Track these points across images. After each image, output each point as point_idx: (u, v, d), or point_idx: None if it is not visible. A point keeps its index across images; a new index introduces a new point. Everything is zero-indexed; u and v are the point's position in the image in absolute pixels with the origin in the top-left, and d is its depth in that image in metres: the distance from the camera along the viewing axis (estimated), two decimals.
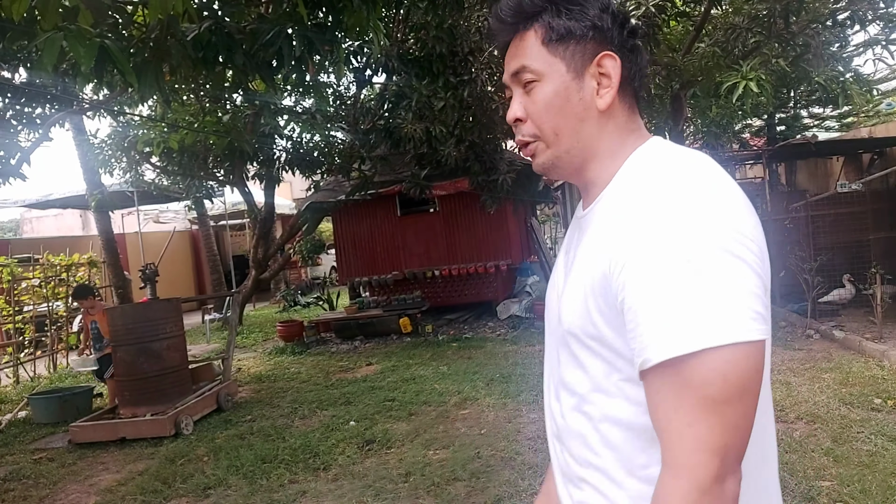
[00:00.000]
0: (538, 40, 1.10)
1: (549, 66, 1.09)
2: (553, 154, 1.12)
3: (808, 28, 8.02)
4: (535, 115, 1.11)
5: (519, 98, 1.13)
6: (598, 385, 1.05)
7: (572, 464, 1.12)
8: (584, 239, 1.09)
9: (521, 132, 1.14)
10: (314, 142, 10.91)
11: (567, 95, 1.09)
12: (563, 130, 1.10)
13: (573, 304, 1.06)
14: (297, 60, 4.49)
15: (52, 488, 5.33)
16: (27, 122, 7.19)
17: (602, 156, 1.11)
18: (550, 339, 1.19)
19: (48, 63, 3.12)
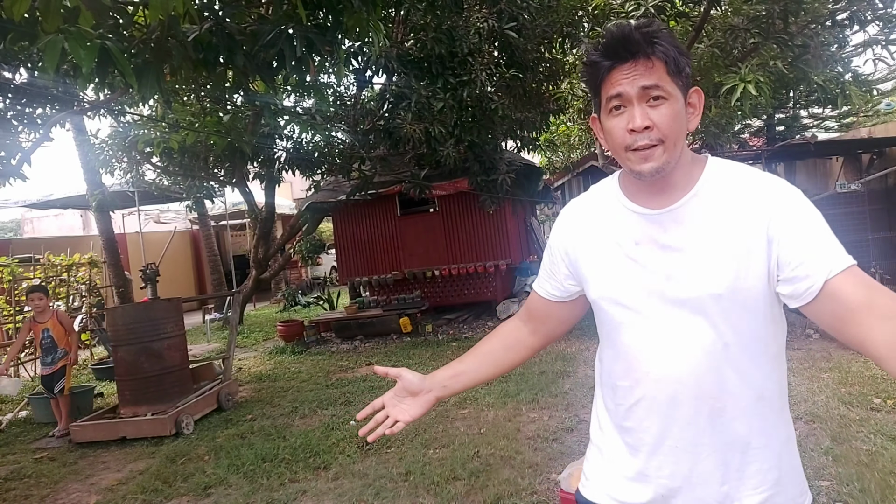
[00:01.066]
0: (664, 69, 1.37)
1: (675, 90, 1.38)
2: (667, 159, 1.38)
3: (806, 28, 8.03)
4: (662, 125, 1.36)
5: (645, 109, 1.37)
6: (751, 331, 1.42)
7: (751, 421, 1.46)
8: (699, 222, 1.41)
9: (647, 137, 1.36)
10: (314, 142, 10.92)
11: (682, 115, 1.41)
12: (677, 141, 1.39)
13: (720, 273, 1.38)
14: (297, 61, 4.50)
15: (53, 487, 5.34)
16: (28, 123, 7.20)
17: (683, 165, 1.45)
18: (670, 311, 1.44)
19: (50, 66, 3.13)
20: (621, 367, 1.54)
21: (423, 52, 8.86)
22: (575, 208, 1.67)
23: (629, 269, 1.48)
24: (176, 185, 13.14)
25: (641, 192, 1.48)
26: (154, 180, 12.74)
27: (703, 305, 1.40)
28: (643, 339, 1.48)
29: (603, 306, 1.55)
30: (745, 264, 1.37)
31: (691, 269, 1.40)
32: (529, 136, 11.46)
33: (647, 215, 1.46)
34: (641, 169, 1.38)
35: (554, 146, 17.61)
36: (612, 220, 1.54)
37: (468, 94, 8.97)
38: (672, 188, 1.44)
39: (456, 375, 1.74)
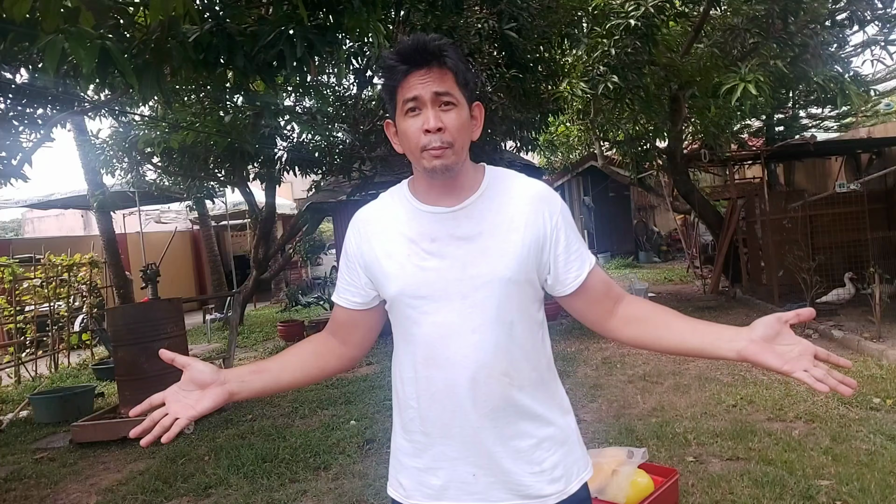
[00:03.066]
0: (453, 79, 1.51)
1: (462, 100, 1.53)
2: (455, 160, 1.52)
3: (806, 28, 8.04)
4: (452, 129, 1.50)
5: (438, 113, 1.50)
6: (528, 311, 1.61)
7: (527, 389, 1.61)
8: (488, 217, 1.58)
9: (439, 139, 1.49)
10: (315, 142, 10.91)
11: (468, 123, 1.57)
12: (464, 146, 1.55)
13: (512, 258, 1.55)
14: (298, 62, 4.51)
15: (53, 488, 5.35)
16: (29, 123, 7.19)
17: (468, 169, 1.62)
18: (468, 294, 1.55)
19: (50, 66, 3.14)
20: (422, 355, 1.59)
21: None
22: (366, 214, 1.74)
23: (428, 263, 1.57)
24: (176, 186, 13.13)
25: (433, 193, 1.61)
26: (154, 180, 12.72)
27: (494, 288, 1.54)
28: (445, 324, 1.56)
29: (402, 302, 1.61)
30: (528, 252, 1.56)
31: (486, 255, 1.55)
32: (529, 137, 11.46)
33: (441, 213, 1.59)
34: (434, 165, 1.49)
35: (553, 146, 17.62)
36: (405, 221, 1.63)
37: None
38: (460, 189, 1.60)
39: (257, 372, 1.69)
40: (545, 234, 1.58)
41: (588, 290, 1.62)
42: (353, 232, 1.72)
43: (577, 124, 14.24)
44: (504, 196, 1.61)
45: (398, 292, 1.60)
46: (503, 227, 1.57)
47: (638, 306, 1.65)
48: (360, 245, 1.69)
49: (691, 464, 4.51)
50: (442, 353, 1.57)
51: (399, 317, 1.65)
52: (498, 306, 1.55)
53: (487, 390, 1.55)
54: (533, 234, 1.57)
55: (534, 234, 1.57)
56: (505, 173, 1.67)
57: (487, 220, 1.58)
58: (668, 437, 5.05)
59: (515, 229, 1.57)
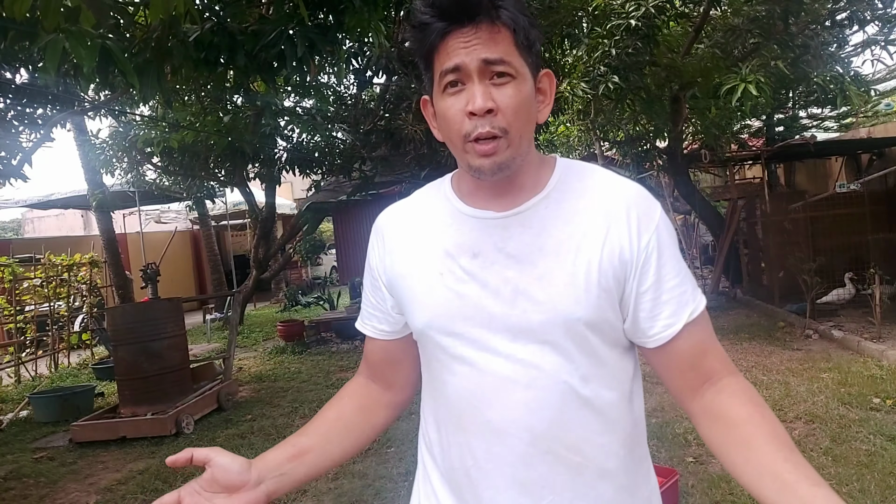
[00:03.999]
0: (511, 40, 1.08)
1: (523, 69, 1.10)
2: (512, 154, 1.11)
3: (807, 29, 8.04)
4: (507, 110, 1.08)
5: (488, 88, 1.08)
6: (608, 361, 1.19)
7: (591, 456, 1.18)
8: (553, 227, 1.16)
9: (489, 123, 1.07)
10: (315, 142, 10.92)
11: (531, 101, 1.13)
12: (524, 133, 1.12)
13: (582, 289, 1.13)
14: (298, 61, 4.50)
15: (53, 487, 5.34)
16: (29, 123, 7.19)
17: (531, 164, 1.19)
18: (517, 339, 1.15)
19: (51, 66, 3.13)
20: (454, 413, 1.20)
21: None
22: (392, 216, 1.32)
23: (466, 287, 1.16)
24: (176, 185, 13.14)
25: (481, 194, 1.20)
26: (154, 180, 12.73)
27: (558, 329, 1.12)
28: (488, 374, 1.15)
29: (432, 338, 1.21)
30: (607, 281, 1.13)
31: (546, 282, 1.13)
32: None
33: (488, 220, 1.18)
34: (482, 165, 1.10)
35: (553, 146, 17.60)
36: (442, 228, 1.22)
37: None
38: (518, 190, 1.17)
39: (297, 457, 1.23)
40: (629, 258, 1.13)
41: (672, 353, 1.15)
42: (376, 239, 1.31)
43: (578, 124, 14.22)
44: (578, 199, 1.17)
45: (425, 325, 1.20)
46: (572, 242, 1.13)
47: (731, 402, 1.13)
48: (382, 257, 1.29)
49: (691, 464, 4.50)
50: (482, 414, 1.16)
51: (428, 357, 1.26)
52: (563, 354, 1.13)
53: (547, 472, 1.15)
54: (611, 257, 1.13)
55: (613, 256, 1.13)
56: (583, 168, 1.23)
57: (551, 233, 1.15)
58: (668, 437, 5.05)
59: (589, 247, 1.13)
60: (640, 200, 1.17)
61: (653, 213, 1.16)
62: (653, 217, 1.16)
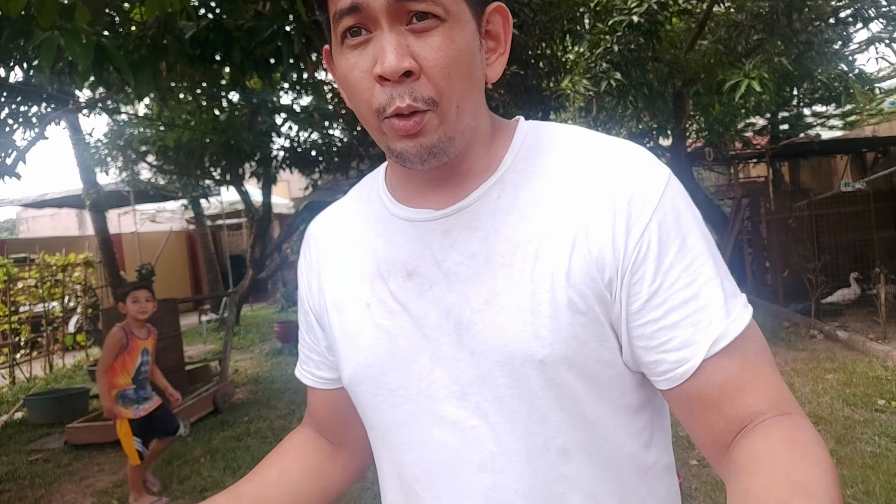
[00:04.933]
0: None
1: (457, 6, 0.75)
2: (446, 133, 0.77)
3: (810, 25, 8.00)
4: (437, 70, 0.74)
5: (404, 38, 0.73)
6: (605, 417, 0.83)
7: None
8: (506, 225, 0.80)
9: (408, 92, 0.73)
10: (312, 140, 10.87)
11: (473, 53, 0.77)
12: (465, 102, 0.77)
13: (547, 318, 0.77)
14: (295, 58, 4.46)
15: (48, 489, 5.29)
16: (23, 121, 7.14)
17: (481, 140, 0.84)
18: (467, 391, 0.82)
19: (46, 63, 3.08)
20: (400, 496, 0.93)
21: None
22: (322, 224, 1.01)
23: (398, 323, 0.85)
24: (172, 184, 13.08)
25: (414, 185, 0.86)
26: (150, 179, 12.68)
27: (512, 381, 0.79)
28: (424, 456, 0.86)
29: (360, 397, 0.91)
30: (584, 303, 0.77)
31: (493, 310, 0.79)
32: None
33: (424, 222, 0.84)
34: (405, 149, 0.76)
35: None
36: (372, 238, 0.90)
37: None
38: (463, 176, 0.83)
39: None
40: (612, 264, 0.76)
41: (690, 397, 0.77)
42: (303, 259, 1.01)
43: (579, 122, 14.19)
44: (540, 181, 0.81)
45: (350, 378, 0.90)
46: (530, 247, 0.79)
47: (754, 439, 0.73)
48: (310, 282, 0.98)
49: (695, 467, 4.45)
50: (427, 496, 0.87)
51: (364, 416, 0.94)
52: (528, 416, 0.79)
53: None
54: (585, 264, 0.77)
55: (588, 262, 0.77)
56: (550, 134, 0.85)
57: (502, 235, 0.80)
58: (672, 440, 4.99)
59: (553, 252, 0.77)
60: (631, 173, 0.78)
61: (650, 193, 0.77)
62: (649, 197, 0.76)
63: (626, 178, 0.78)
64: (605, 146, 0.82)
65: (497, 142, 0.85)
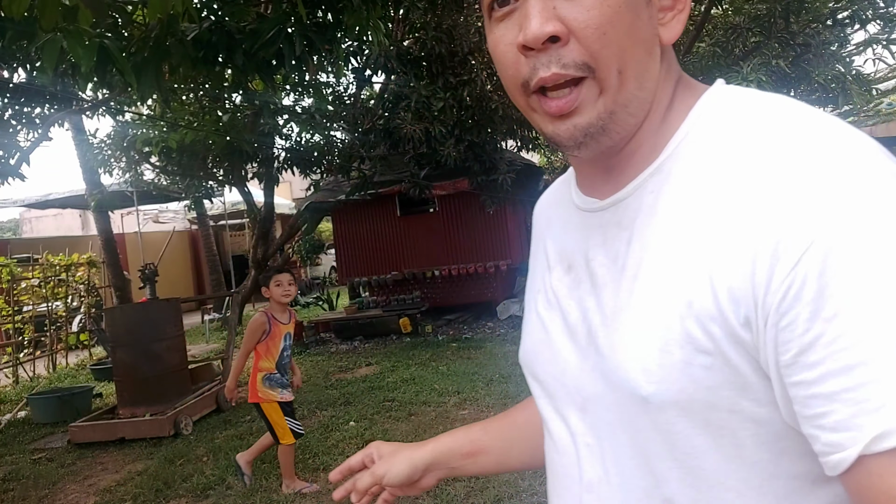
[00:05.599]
0: None
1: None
2: (607, 107, 0.66)
3: (808, 27, 8.03)
4: (589, 30, 0.63)
5: (546, 2, 0.64)
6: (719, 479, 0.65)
7: None
8: (650, 228, 0.69)
9: (559, 60, 0.65)
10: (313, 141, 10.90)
11: (637, 10, 0.66)
12: (630, 66, 0.66)
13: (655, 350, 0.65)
14: (296, 60, 4.49)
15: (52, 488, 5.32)
16: (26, 122, 7.18)
17: (652, 114, 0.71)
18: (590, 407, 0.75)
19: (48, 65, 3.12)
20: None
21: (423, 51, 8.85)
22: (541, 202, 0.97)
23: (552, 316, 0.82)
24: (175, 185, 13.11)
25: (586, 168, 0.79)
26: (153, 180, 12.71)
27: (625, 409, 0.69)
28: (554, 455, 0.82)
29: (526, 376, 0.89)
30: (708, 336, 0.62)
31: (612, 327, 0.71)
32: (529, 136, 11.45)
33: (588, 213, 0.78)
34: (556, 132, 0.69)
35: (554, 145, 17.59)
36: (556, 224, 0.87)
37: (468, 94, 8.95)
38: (627, 160, 0.73)
39: (473, 455, 1.03)
40: (752, 297, 0.58)
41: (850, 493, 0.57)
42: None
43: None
44: (700, 177, 0.65)
45: (520, 358, 0.90)
46: (659, 259, 0.67)
47: None
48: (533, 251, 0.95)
49: None
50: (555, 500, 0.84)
51: None
52: (638, 453, 0.69)
53: None
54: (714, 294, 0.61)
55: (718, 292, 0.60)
56: (739, 112, 0.67)
57: (644, 237, 0.69)
58: None
59: (681, 270, 0.64)
60: (800, 179, 0.58)
61: (827, 208, 0.56)
62: (824, 215, 0.56)
63: (790, 188, 0.58)
64: (800, 137, 0.61)
65: (673, 115, 0.71)
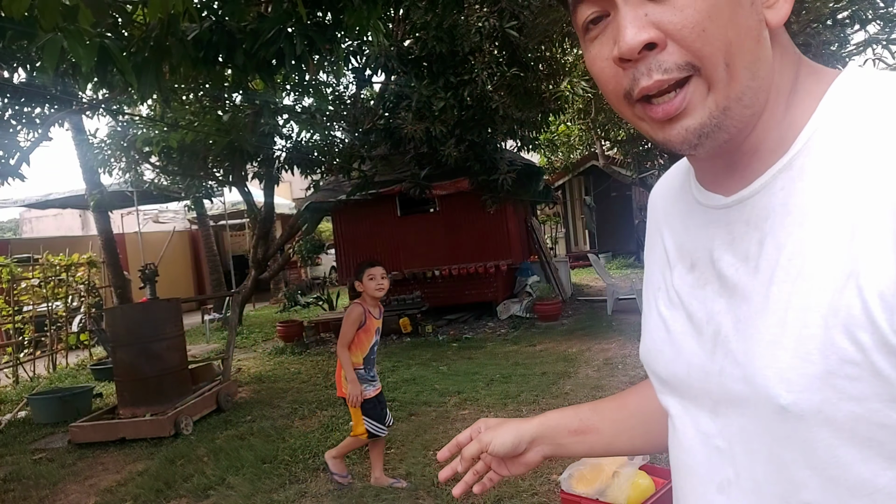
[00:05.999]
0: None
1: None
2: (719, 103, 0.65)
3: (808, 27, 8.03)
4: (687, 30, 0.63)
5: (639, 8, 0.64)
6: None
7: None
8: (785, 229, 0.67)
9: (658, 66, 0.64)
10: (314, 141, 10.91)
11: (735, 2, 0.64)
12: (738, 56, 0.64)
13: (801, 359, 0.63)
14: (297, 60, 4.49)
15: (52, 489, 5.32)
16: (26, 122, 7.19)
17: (776, 103, 0.69)
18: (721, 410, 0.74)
19: (49, 65, 3.12)
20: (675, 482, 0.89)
21: (423, 51, 8.86)
22: (658, 190, 0.98)
23: (674, 315, 0.81)
24: (175, 185, 13.13)
25: (708, 164, 0.77)
26: (153, 180, 12.73)
27: (761, 417, 0.68)
28: (681, 453, 0.83)
29: (648, 373, 0.90)
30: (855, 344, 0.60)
31: (745, 333, 0.70)
32: (529, 136, 11.46)
33: (712, 210, 0.76)
34: (668, 138, 0.68)
35: (554, 146, 17.60)
36: (675, 218, 0.86)
37: (469, 94, 8.96)
38: (751, 154, 0.71)
39: (581, 433, 1.05)
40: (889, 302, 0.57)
41: None
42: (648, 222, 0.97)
43: (578, 123, 14.22)
44: (838, 173, 0.63)
45: (641, 355, 0.90)
46: (797, 262, 0.65)
47: None
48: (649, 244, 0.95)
49: None
50: (684, 497, 0.83)
51: None
52: (773, 459, 0.68)
53: None
54: (862, 298, 0.59)
55: (868, 296, 0.58)
56: (877, 101, 0.64)
57: (779, 239, 0.67)
58: None
59: (824, 274, 0.62)
60: None
61: None
62: None
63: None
64: None
65: (798, 104, 0.69)
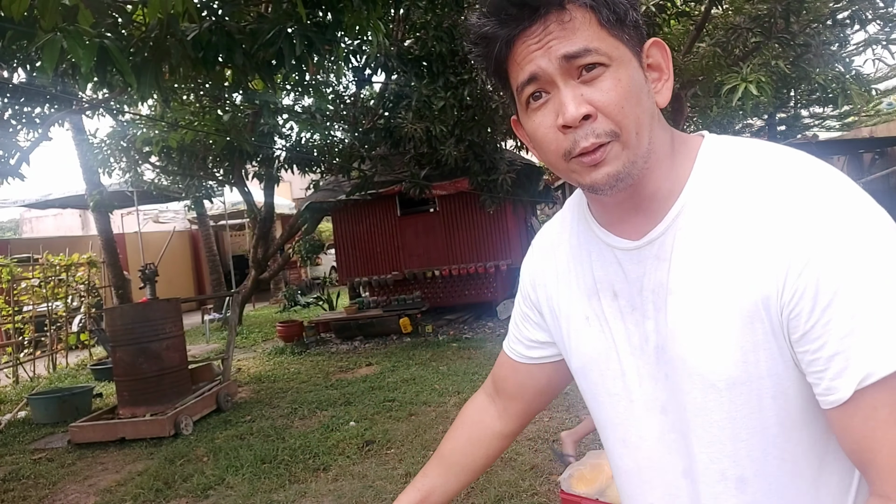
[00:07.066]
0: (593, 20, 0.85)
1: (618, 50, 0.86)
2: (629, 158, 0.87)
3: (808, 28, 8.03)
4: (611, 107, 0.85)
5: (577, 89, 0.86)
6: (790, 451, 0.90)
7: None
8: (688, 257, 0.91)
9: (591, 132, 0.86)
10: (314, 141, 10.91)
11: (640, 85, 0.89)
12: (642, 127, 0.87)
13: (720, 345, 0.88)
14: (296, 60, 4.49)
15: (52, 488, 5.32)
16: (26, 122, 7.18)
17: (661, 161, 0.93)
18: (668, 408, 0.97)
19: (48, 65, 3.12)
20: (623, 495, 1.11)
21: (423, 51, 8.84)
22: (547, 236, 1.17)
23: (609, 338, 1.01)
24: (175, 185, 13.13)
25: (610, 213, 0.99)
26: (153, 180, 12.73)
27: (703, 401, 0.91)
28: (638, 448, 1.03)
29: (586, 391, 1.10)
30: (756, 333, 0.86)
31: (683, 334, 0.91)
32: None
33: (622, 252, 0.98)
34: (595, 180, 0.88)
35: None
36: (587, 259, 1.05)
37: (469, 93, 8.95)
38: (649, 201, 0.94)
39: (425, 500, 1.29)
40: (778, 301, 0.83)
41: (836, 430, 0.84)
42: (529, 263, 1.19)
43: None
44: (720, 211, 0.89)
45: (577, 370, 1.10)
46: (712, 277, 0.88)
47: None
48: (535, 282, 1.17)
49: None
50: (645, 498, 1.04)
51: (589, 409, 1.13)
52: (712, 437, 0.92)
53: None
54: (753, 300, 0.85)
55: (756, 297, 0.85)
56: (732, 156, 0.93)
57: (687, 264, 0.91)
58: None
59: (732, 284, 0.87)
60: (801, 209, 0.82)
61: (819, 230, 0.80)
62: (817, 236, 0.80)
63: (793, 214, 0.82)
64: (781, 175, 0.87)
65: (679, 161, 0.94)
